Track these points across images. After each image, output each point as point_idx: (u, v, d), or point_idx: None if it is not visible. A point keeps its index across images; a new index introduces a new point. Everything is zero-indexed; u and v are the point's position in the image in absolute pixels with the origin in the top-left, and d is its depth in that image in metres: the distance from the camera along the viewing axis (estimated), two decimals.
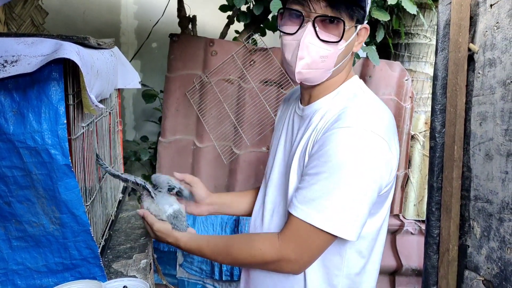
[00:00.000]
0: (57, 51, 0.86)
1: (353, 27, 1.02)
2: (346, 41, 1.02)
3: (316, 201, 0.98)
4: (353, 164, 0.96)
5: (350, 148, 0.96)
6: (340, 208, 0.97)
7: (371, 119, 1.00)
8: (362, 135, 0.96)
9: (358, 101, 1.05)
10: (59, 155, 0.89)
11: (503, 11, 1.28)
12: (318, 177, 0.98)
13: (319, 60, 1.02)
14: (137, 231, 1.49)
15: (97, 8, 3.45)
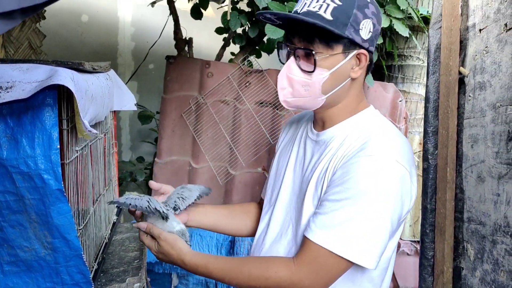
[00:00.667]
0: (52, 77, 0.87)
1: (337, 54, 1.04)
2: (330, 70, 1.04)
3: (337, 227, 0.97)
4: (376, 192, 0.97)
5: (373, 176, 0.97)
6: (361, 236, 0.96)
7: (395, 148, 1.02)
8: (386, 164, 0.99)
9: (380, 131, 1.07)
10: (52, 180, 0.90)
11: (492, 36, 1.31)
12: (340, 204, 0.98)
13: (302, 89, 1.06)
14: (130, 254, 1.49)
15: (94, 30, 3.50)
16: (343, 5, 1.02)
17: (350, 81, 1.09)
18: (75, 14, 3.46)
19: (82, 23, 3.48)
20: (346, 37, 1.02)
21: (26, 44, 2.42)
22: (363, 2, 1.04)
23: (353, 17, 1.02)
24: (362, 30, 1.04)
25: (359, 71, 1.08)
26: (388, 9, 2.31)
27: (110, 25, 3.57)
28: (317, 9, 1.02)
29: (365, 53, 1.06)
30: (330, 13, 1.01)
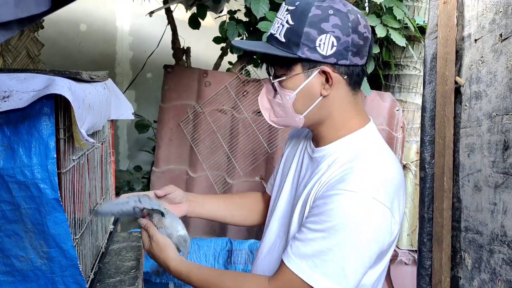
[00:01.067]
0: (49, 86, 0.87)
1: (298, 75, 1.03)
2: (295, 90, 1.04)
3: (312, 258, 0.97)
4: (353, 230, 0.96)
5: (351, 214, 0.96)
6: (335, 270, 0.96)
7: (376, 184, 1.00)
8: (365, 203, 0.97)
9: (363, 160, 1.04)
10: (48, 189, 0.90)
11: (487, 46, 1.32)
12: (316, 234, 0.98)
13: (278, 109, 1.09)
14: (127, 264, 1.48)
15: (93, 39, 3.51)
16: (294, 25, 1.00)
17: (324, 99, 1.05)
18: (73, 23, 3.47)
19: (81, 33, 3.49)
20: (299, 58, 1.01)
21: (24, 53, 2.42)
22: (317, 18, 0.99)
23: (304, 36, 0.99)
24: (320, 46, 1.00)
25: (331, 88, 1.04)
26: (385, 19, 2.33)
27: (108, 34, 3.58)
28: (275, 31, 1.03)
29: (329, 70, 1.02)
30: (283, 35, 1.01)
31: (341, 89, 1.06)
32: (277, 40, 1.02)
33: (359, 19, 1.02)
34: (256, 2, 2.19)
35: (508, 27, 1.21)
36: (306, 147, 1.21)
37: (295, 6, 1.01)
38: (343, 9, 1.01)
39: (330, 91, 1.04)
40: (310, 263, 0.97)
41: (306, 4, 1.01)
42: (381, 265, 1.11)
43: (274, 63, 1.06)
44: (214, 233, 2.53)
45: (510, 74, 1.20)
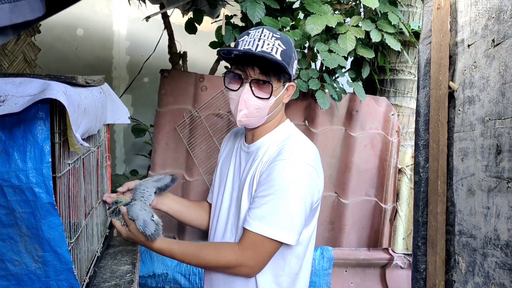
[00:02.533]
0: (44, 91, 0.88)
1: (280, 86, 1.36)
2: (276, 97, 1.35)
3: (267, 217, 1.27)
4: (292, 187, 1.28)
5: (289, 175, 1.28)
6: (285, 221, 1.27)
7: (303, 152, 1.33)
8: (298, 165, 1.29)
9: (292, 140, 1.38)
10: (43, 193, 0.90)
11: (480, 51, 1.33)
12: (267, 198, 1.28)
13: (255, 111, 1.34)
14: (122, 268, 1.48)
15: (90, 44, 3.51)
16: (287, 49, 1.33)
17: (281, 104, 1.41)
18: (70, 28, 3.48)
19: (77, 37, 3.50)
20: (288, 73, 1.34)
21: (21, 57, 2.42)
22: (293, 48, 1.37)
23: (292, 59, 1.35)
24: (294, 67, 1.39)
25: (288, 98, 1.42)
26: (380, 24, 2.34)
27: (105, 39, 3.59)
28: (270, 50, 1.30)
29: (294, 85, 1.41)
30: (279, 54, 1.31)
31: (288, 99, 1.43)
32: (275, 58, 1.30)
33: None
34: (252, 7, 2.21)
35: (500, 33, 1.23)
36: (240, 146, 1.49)
37: (279, 35, 1.34)
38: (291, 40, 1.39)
39: (287, 100, 1.42)
40: (267, 221, 1.27)
41: (284, 36, 1.36)
42: (312, 224, 1.43)
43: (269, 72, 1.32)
44: None
45: (502, 79, 1.21)
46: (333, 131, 2.59)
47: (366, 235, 2.72)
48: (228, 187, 1.49)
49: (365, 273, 2.64)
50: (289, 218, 1.28)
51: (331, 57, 2.23)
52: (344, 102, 2.57)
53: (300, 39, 2.29)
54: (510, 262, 1.15)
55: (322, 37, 2.33)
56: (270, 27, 1.37)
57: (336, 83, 2.44)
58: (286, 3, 2.36)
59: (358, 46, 2.34)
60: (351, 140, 2.59)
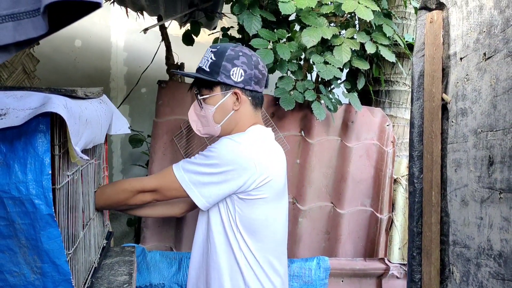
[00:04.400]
0: (45, 104, 0.90)
1: (217, 94, 1.48)
2: (215, 105, 1.49)
3: (192, 174, 1.42)
4: (219, 158, 1.40)
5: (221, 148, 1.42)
6: (196, 177, 1.42)
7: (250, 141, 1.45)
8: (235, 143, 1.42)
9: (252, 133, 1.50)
10: (43, 205, 0.91)
11: (472, 64, 1.36)
12: (197, 159, 1.45)
13: (203, 120, 1.52)
14: (119, 278, 1.49)
15: (88, 55, 3.53)
16: (216, 60, 1.46)
17: (235, 112, 1.50)
18: (68, 39, 3.50)
19: (76, 48, 3.52)
20: (218, 81, 1.46)
21: (20, 69, 2.44)
22: (231, 56, 1.46)
23: (222, 67, 1.45)
24: (233, 75, 1.46)
25: (239, 105, 1.49)
26: (375, 36, 2.38)
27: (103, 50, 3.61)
28: (201, 64, 1.50)
29: (238, 92, 1.48)
30: (208, 66, 1.47)
31: (247, 107, 1.52)
32: (204, 70, 1.48)
33: (259, 61, 1.52)
34: (248, 19, 2.24)
35: (492, 47, 1.26)
36: None
37: (216, 48, 1.48)
38: (249, 53, 1.50)
39: (239, 106, 1.49)
40: (192, 179, 1.41)
41: (224, 47, 1.48)
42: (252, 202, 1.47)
43: (201, 85, 1.50)
44: None
45: (493, 91, 1.24)
46: (329, 141, 2.61)
47: (362, 245, 2.73)
48: None
49: (361, 283, 2.65)
50: (202, 180, 1.41)
51: (326, 69, 2.26)
52: (339, 113, 2.60)
53: (296, 50, 2.32)
54: (504, 272, 1.17)
55: (317, 49, 2.36)
56: (220, 44, 1.51)
57: (331, 94, 2.47)
58: (282, 15, 2.40)
59: (353, 57, 2.38)
60: (347, 150, 2.61)
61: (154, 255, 2.40)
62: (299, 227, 2.61)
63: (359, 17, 2.33)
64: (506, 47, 1.18)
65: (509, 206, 1.14)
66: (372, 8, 2.21)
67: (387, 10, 2.51)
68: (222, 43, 1.54)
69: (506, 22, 1.18)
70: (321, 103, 2.37)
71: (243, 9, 2.27)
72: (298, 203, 2.61)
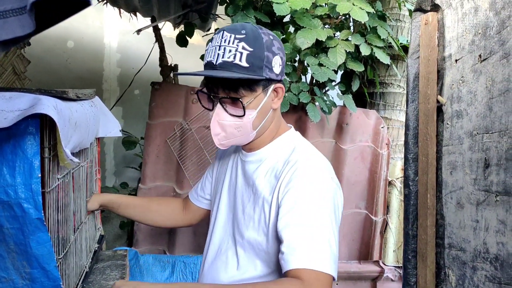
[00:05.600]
0: (35, 106, 0.87)
1: (259, 94, 1.15)
2: (256, 109, 1.15)
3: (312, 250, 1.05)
4: (324, 210, 1.11)
5: (317, 197, 1.11)
6: (326, 251, 1.07)
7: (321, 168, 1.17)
8: (322, 182, 1.13)
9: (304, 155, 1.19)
10: (32, 209, 0.89)
11: (467, 66, 1.36)
12: (301, 228, 1.07)
13: (235, 131, 1.17)
14: (111, 283, 1.46)
15: (80, 56, 3.50)
16: (254, 50, 1.10)
17: (272, 111, 1.22)
18: (60, 40, 3.47)
19: (68, 49, 3.49)
20: (264, 78, 1.13)
21: (10, 69, 2.41)
22: (269, 42, 1.13)
23: (265, 59, 1.12)
24: (275, 67, 1.15)
25: (278, 101, 1.20)
26: (369, 38, 2.37)
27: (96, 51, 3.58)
28: (233, 58, 1.09)
29: (281, 86, 1.18)
30: (245, 60, 1.09)
31: (279, 102, 1.23)
32: (239, 66, 1.09)
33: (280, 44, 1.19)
34: (243, 21, 2.23)
35: (487, 48, 1.25)
36: (238, 156, 1.33)
37: (244, 34, 1.10)
38: (273, 35, 1.17)
39: (278, 104, 1.21)
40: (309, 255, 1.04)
41: (252, 31, 1.12)
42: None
43: (237, 87, 1.12)
44: (200, 250, 2.52)
45: (489, 93, 1.23)
46: (324, 143, 2.60)
47: (357, 247, 2.72)
48: (222, 204, 1.35)
49: (356, 286, 2.64)
50: (331, 247, 1.08)
51: (321, 71, 2.25)
52: (334, 115, 2.59)
53: (291, 52, 2.31)
54: (500, 275, 1.16)
55: (312, 50, 2.35)
56: (233, 26, 1.14)
57: (326, 96, 2.46)
58: (277, 17, 2.38)
59: (348, 59, 2.37)
60: (342, 152, 2.60)
61: (147, 258, 2.38)
62: None
63: (353, 18, 2.32)
64: (502, 49, 1.17)
65: (505, 209, 1.13)
66: (367, 9, 2.21)
67: (382, 12, 2.50)
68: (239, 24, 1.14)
69: (502, 24, 1.18)
70: (315, 105, 2.36)
71: (237, 10, 2.26)
72: None
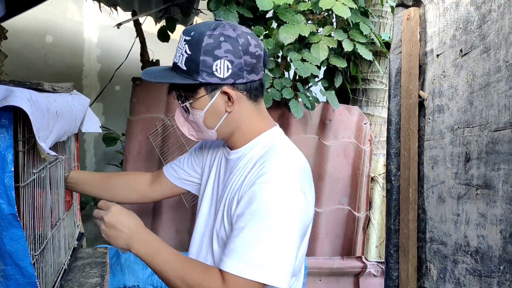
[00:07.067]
0: (7, 98, 0.84)
1: (203, 97, 1.16)
2: (203, 110, 1.17)
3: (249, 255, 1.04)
4: (277, 216, 1.05)
5: (273, 202, 1.06)
6: (272, 259, 1.04)
7: (288, 173, 1.12)
8: (283, 190, 1.08)
9: (276, 153, 1.17)
10: (5, 204, 0.86)
11: (448, 61, 1.36)
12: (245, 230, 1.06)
13: (192, 126, 1.23)
14: (91, 280, 1.43)
15: (59, 51, 3.43)
16: (191, 54, 1.13)
17: (230, 114, 1.19)
18: (39, 34, 3.39)
19: (47, 44, 3.41)
20: (200, 83, 1.14)
21: None
22: (210, 46, 1.12)
23: (201, 63, 1.12)
24: (217, 70, 1.13)
25: (233, 104, 1.17)
26: (352, 34, 2.38)
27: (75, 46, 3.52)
28: (177, 60, 1.16)
29: (229, 90, 1.15)
30: (184, 63, 1.14)
31: (244, 103, 1.19)
32: (180, 68, 1.15)
33: (249, 41, 1.15)
34: (225, 16, 2.21)
35: (468, 43, 1.26)
36: (223, 152, 1.33)
37: (190, 36, 1.14)
38: (233, 35, 1.14)
39: (233, 107, 1.18)
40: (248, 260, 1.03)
41: (199, 34, 1.13)
42: (303, 244, 1.22)
43: (180, 88, 1.18)
44: (183, 248, 2.49)
45: (470, 88, 1.24)
46: (307, 140, 2.60)
47: (340, 243, 2.73)
48: (206, 197, 1.34)
49: (339, 282, 2.65)
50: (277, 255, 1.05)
51: (304, 66, 2.24)
52: (317, 111, 2.59)
53: (274, 48, 2.30)
54: (480, 268, 1.16)
55: (295, 46, 2.35)
56: (195, 27, 1.16)
57: (309, 92, 2.46)
58: (260, 12, 2.37)
59: (330, 55, 2.37)
60: (324, 149, 2.60)
61: (129, 256, 2.34)
62: None
63: (336, 14, 2.32)
64: (483, 43, 1.18)
65: (485, 202, 1.14)
66: (349, 5, 2.21)
67: (364, 8, 2.51)
68: (197, 25, 1.17)
69: (483, 18, 1.18)
70: (298, 101, 2.35)
71: (220, 5, 2.24)
72: None
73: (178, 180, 1.51)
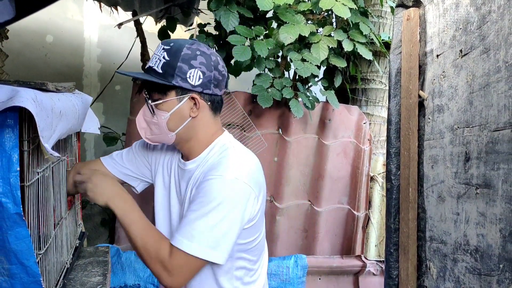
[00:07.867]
0: (12, 98, 0.85)
1: (172, 100, 1.27)
2: (169, 111, 1.28)
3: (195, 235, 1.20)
4: (223, 206, 1.21)
5: (219, 192, 1.21)
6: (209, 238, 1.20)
7: (237, 168, 1.26)
8: (230, 182, 1.22)
9: (227, 154, 1.30)
10: (10, 204, 0.87)
11: (448, 61, 1.37)
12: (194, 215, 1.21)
13: (154, 127, 1.31)
14: (93, 279, 1.44)
15: (59, 51, 3.44)
16: (170, 60, 1.25)
17: (192, 119, 1.30)
18: (39, 34, 3.40)
19: (47, 44, 3.42)
20: (174, 85, 1.25)
21: None
22: (188, 56, 1.26)
23: (178, 69, 1.25)
24: (190, 78, 1.26)
25: (198, 111, 1.29)
26: (352, 34, 2.39)
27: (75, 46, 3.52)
28: (153, 64, 1.28)
29: (197, 96, 1.28)
30: (161, 67, 1.26)
31: (205, 112, 1.32)
32: (156, 72, 1.26)
33: (219, 61, 1.32)
34: (225, 16, 2.21)
35: (468, 43, 1.27)
36: (177, 162, 1.43)
37: (170, 46, 1.27)
38: (207, 52, 1.29)
39: (197, 113, 1.30)
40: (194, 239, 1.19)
41: (179, 45, 1.27)
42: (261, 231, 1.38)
43: (152, 89, 1.28)
44: None
45: (470, 88, 1.25)
46: (307, 139, 2.61)
47: (339, 242, 2.74)
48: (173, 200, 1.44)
49: (338, 281, 2.66)
50: (217, 237, 1.21)
51: (304, 66, 2.25)
52: (317, 111, 2.60)
53: (274, 48, 2.31)
54: (480, 267, 1.18)
55: (295, 46, 2.36)
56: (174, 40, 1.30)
57: (309, 91, 2.47)
58: (260, 12, 2.38)
59: (330, 55, 2.38)
60: (324, 148, 2.61)
61: (129, 255, 2.35)
62: (276, 225, 2.59)
63: (336, 14, 2.33)
64: (482, 44, 1.19)
65: (485, 202, 1.15)
66: (349, 6, 2.22)
67: (364, 9, 2.52)
68: (176, 39, 1.32)
69: (482, 19, 1.19)
70: (298, 100, 2.36)
71: (220, 5, 2.24)
72: (276, 201, 2.60)
73: (120, 174, 1.55)
